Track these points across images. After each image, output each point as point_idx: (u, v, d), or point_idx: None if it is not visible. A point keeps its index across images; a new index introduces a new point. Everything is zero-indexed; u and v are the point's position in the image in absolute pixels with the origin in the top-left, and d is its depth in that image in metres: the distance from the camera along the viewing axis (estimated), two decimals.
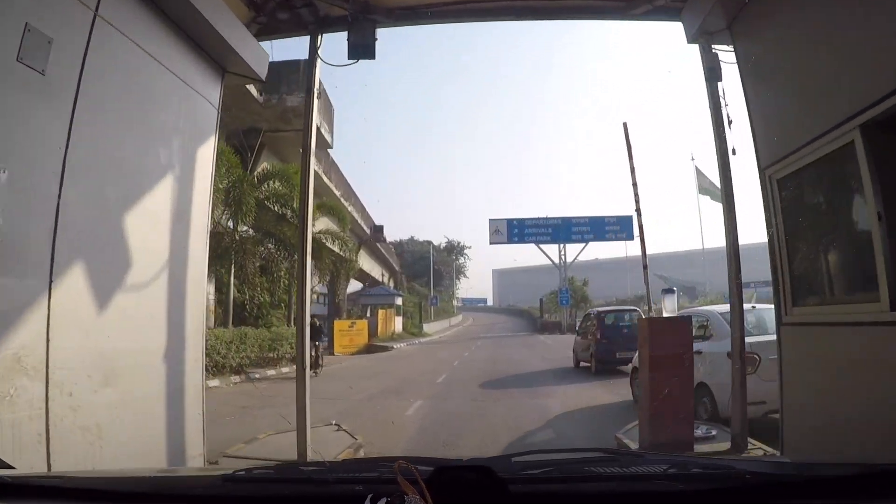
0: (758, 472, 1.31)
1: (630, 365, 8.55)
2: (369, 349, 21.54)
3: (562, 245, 35.90)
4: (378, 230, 34.09)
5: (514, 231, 35.61)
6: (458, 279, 78.93)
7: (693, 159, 48.57)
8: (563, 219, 35.78)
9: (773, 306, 5.00)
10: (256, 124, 15.38)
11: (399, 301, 32.96)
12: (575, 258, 36.36)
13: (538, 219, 36.05)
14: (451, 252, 75.09)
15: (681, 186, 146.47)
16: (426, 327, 38.01)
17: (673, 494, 1.19)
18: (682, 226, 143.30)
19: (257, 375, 12.94)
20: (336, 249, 19.43)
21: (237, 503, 1.27)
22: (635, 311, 13.83)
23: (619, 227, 35.10)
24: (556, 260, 36.49)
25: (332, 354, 19.97)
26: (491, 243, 36.02)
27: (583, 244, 35.61)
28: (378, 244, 36.95)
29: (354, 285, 40.94)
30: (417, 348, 24.06)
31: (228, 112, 13.92)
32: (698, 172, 28.55)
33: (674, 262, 72.98)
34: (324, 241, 18.09)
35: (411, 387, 10.90)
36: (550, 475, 1.34)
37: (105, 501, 1.27)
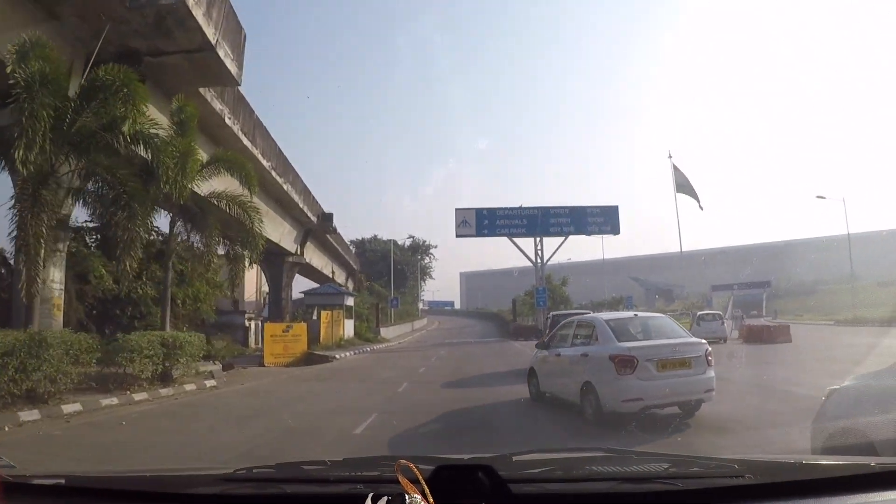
0: (759, 470, 1.55)
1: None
2: (308, 359, 20.14)
3: (538, 239, 35.05)
4: (327, 218, 33.26)
5: (484, 222, 34.68)
6: (424, 280, 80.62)
7: (671, 157, 50.21)
8: (541, 209, 35.03)
9: (655, 314, 8.37)
10: (130, 43, 12.59)
11: (350, 301, 32.60)
12: (554, 253, 35.40)
13: (512, 208, 35.29)
14: (415, 251, 76.81)
15: (658, 185, 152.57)
16: (384, 332, 37.83)
17: (673, 493, 1.41)
18: (659, 227, 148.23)
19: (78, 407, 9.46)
20: (250, 222, 15.54)
21: (237, 502, 1.43)
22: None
23: (602, 219, 34.93)
24: (532, 256, 35.33)
25: (263, 366, 19.11)
26: (458, 236, 34.91)
27: (562, 237, 34.89)
28: (329, 236, 36.50)
29: (305, 284, 40.05)
30: (365, 359, 22.92)
31: (84, 20, 11.53)
32: (675, 170, 29.40)
33: (651, 264, 77.54)
34: (217, 203, 15.12)
35: (292, 450, 6.82)
36: (551, 474, 1.55)
37: (105, 500, 1.41)
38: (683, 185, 47.28)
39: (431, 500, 1.23)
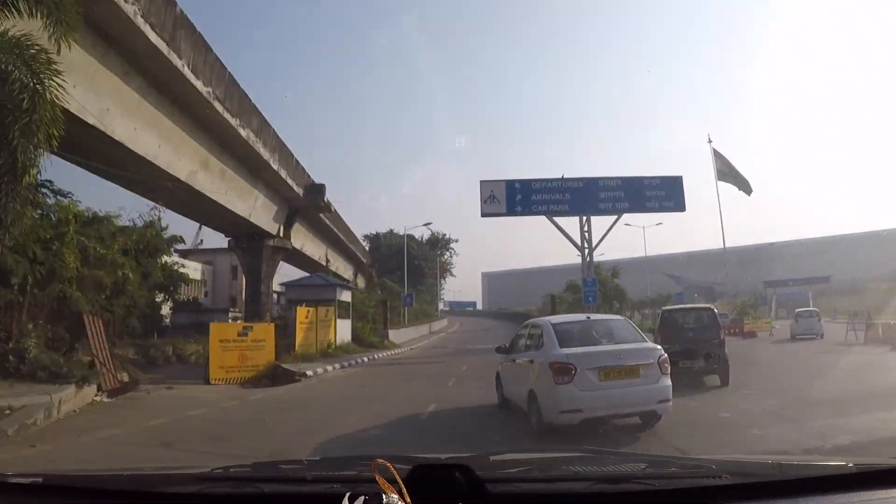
0: (735, 471, 1.84)
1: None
2: (274, 375, 16.80)
3: (585, 219, 32.54)
4: (315, 190, 31.63)
5: (517, 198, 31.89)
6: (444, 278, 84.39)
7: (710, 141, 49.86)
8: (586, 180, 32.88)
9: (613, 316, 10.04)
10: None
11: (345, 296, 30.31)
12: (605, 234, 32.91)
13: (552, 180, 32.78)
14: (434, 246, 79.86)
15: (698, 174, 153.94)
16: (394, 335, 37.74)
17: (650, 493, 1.70)
18: (703, 222, 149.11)
19: None
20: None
21: (214, 501, 1.75)
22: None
23: (663, 193, 32.64)
24: (577, 239, 32.65)
25: (209, 383, 16.14)
26: (484, 215, 32.25)
27: (614, 216, 32.57)
28: (323, 216, 35.60)
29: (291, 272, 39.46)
30: (350, 377, 19.69)
31: None
32: (716, 155, 28.31)
33: (688, 261, 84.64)
34: None
35: None
36: (529, 474, 1.86)
37: (83, 498, 1.75)
38: (725, 173, 47.15)
39: (409, 499, 1.48)
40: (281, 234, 30.92)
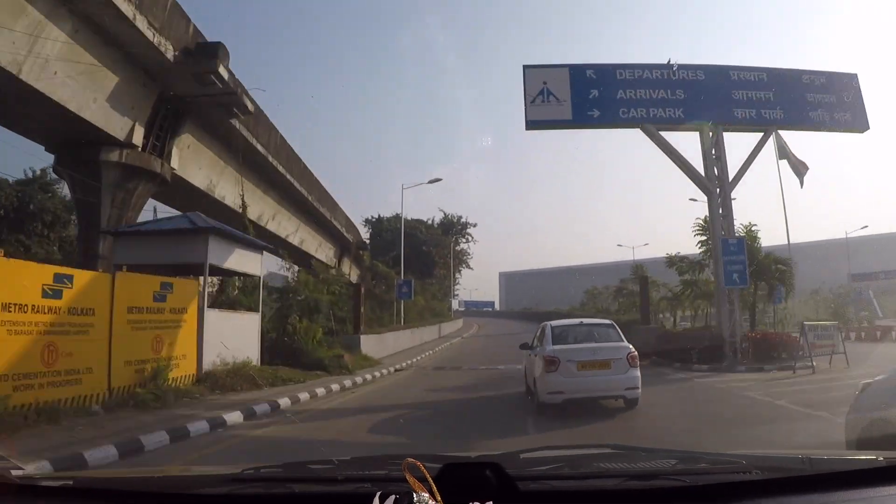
0: (766, 466, 2.20)
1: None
2: None
3: (710, 133, 24.35)
4: (204, 53, 20.76)
5: (590, 94, 23.91)
6: (459, 270, 79.90)
7: None
8: (713, 69, 25.19)
9: (602, 321, 15.94)
10: None
11: (249, 264, 19.51)
12: (751, 160, 24.77)
13: (651, 66, 24.93)
14: (448, 231, 77.23)
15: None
16: (373, 343, 29.15)
17: (680, 490, 2.07)
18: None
19: None
20: None
21: (246, 502, 2.13)
22: None
23: (832, 99, 25.29)
24: (700, 167, 24.65)
25: None
26: (531, 125, 23.97)
27: (758, 129, 24.83)
28: (240, 126, 25.72)
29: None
30: None
31: None
32: (777, 136, 26.19)
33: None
34: None
35: None
36: (558, 471, 2.25)
37: (113, 501, 2.14)
38: (786, 152, 45.83)
39: (439, 498, 1.79)
40: (140, 143, 21.08)
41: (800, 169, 27.88)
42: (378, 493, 1.85)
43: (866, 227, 79.40)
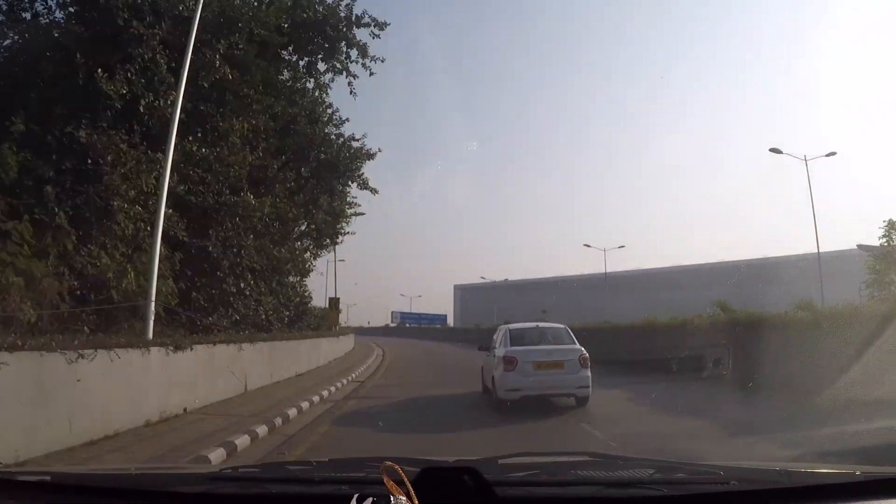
0: (743, 477, 2.22)
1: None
2: None
3: None
4: None
5: None
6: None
7: None
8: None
9: (556, 325, 16.71)
10: None
11: None
12: None
13: None
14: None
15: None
16: None
17: (658, 499, 2.07)
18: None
19: None
20: None
21: (223, 502, 2.13)
22: None
23: None
24: None
25: None
26: None
27: None
28: None
29: None
30: None
31: None
32: None
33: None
34: None
35: None
36: (536, 478, 2.26)
37: (91, 497, 2.14)
38: None
39: (416, 502, 1.80)
40: None
41: None
42: (355, 496, 1.86)
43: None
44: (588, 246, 55.47)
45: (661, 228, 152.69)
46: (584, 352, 13.96)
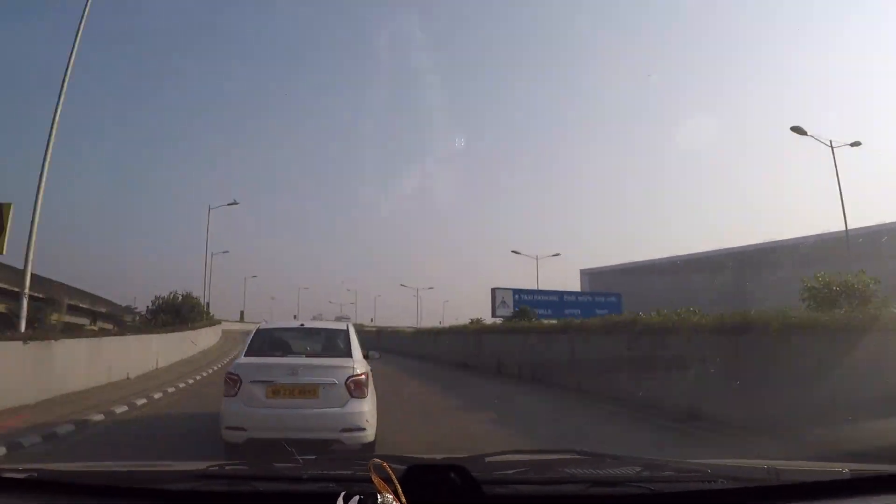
0: (731, 475, 2.22)
1: None
2: None
3: None
4: None
5: None
6: None
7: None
8: None
9: (337, 324, 10.97)
10: None
11: None
12: None
13: None
14: None
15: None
16: None
17: (646, 497, 2.08)
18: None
19: None
20: None
21: (211, 499, 2.14)
22: None
23: None
24: None
25: None
26: None
27: None
28: None
29: None
30: None
31: None
32: None
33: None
34: None
35: None
36: (524, 476, 2.26)
37: (79, 495, 2.15)
38: None
39: (404, 499, 1.81)
40: None
41: None
42: (343, 493, 1.87)
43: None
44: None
45: None
46: (361, 371, 8.58)
